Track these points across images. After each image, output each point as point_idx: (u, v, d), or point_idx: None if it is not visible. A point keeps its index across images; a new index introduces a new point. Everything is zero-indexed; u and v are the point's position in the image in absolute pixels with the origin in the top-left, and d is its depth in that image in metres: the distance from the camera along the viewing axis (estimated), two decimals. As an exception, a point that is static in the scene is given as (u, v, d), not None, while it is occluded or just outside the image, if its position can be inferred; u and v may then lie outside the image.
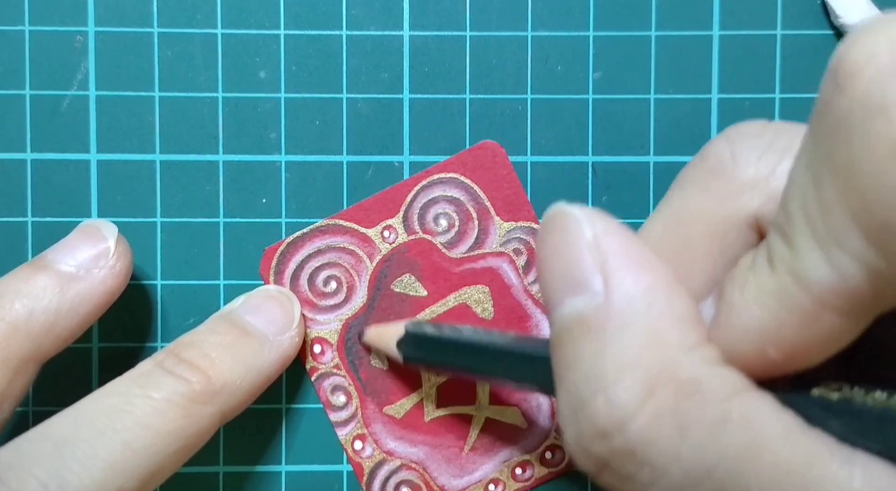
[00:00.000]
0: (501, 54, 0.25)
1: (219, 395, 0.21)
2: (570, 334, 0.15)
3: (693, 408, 0.14)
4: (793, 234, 0.14)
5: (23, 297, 0.21)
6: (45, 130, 0.24)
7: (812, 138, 0.14)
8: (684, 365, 0.14)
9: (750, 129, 0.18)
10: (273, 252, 0.25)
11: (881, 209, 0.13)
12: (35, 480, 0.18)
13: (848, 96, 0.13)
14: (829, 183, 0.13)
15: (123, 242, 0.23)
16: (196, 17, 0.25)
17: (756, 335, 0.15)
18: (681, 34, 0.25)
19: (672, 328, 0.15)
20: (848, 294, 0.14)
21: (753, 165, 0.17)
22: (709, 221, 0.18)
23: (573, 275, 0.16)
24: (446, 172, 0.25)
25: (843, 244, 0.13)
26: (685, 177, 0.18)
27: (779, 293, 0.14)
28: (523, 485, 0.25)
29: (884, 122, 0.13)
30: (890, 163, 0.12)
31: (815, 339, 0.14)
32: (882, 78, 0.13)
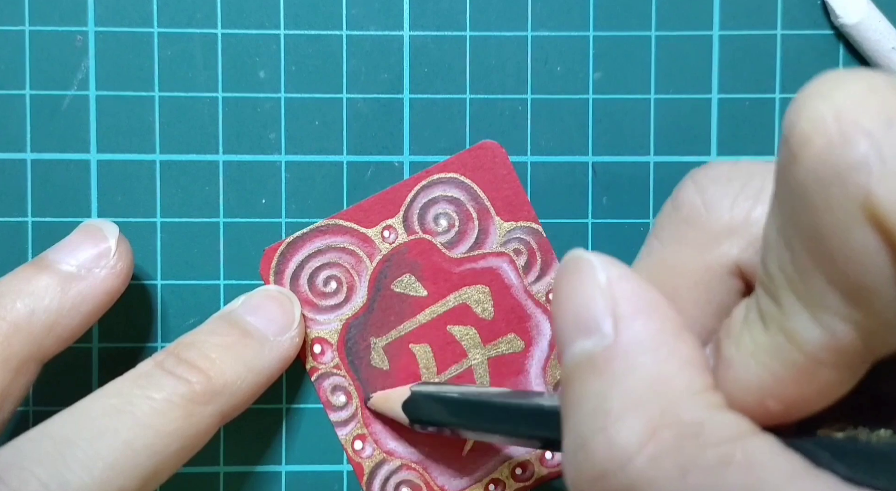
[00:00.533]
0: (501, 54, 0.25)
1: (219, 395, 0.21)
2: (578, 373, 0.15)
3: (695, 450, 0.14)
4: (778, 294, 0.14)
5: (24, 296, 0.21)
6: (45, 130, 0.24)
7: (778, 203, 0.14)
8: (688, 408, 0.14)
9: (718, 173, 0.18)
10: (273, 252, 0.25)
11: (854, 273, 0.13)
12: (36, 479, 0.18)
13: (802, 166, 0.13)
14: (800, 248, 0.14)
15: (124, 242, 0.23)
16: (196, 17, 0.25)
17: (755, 390, 0.15)
18: (681, 34, 0.25)
19: (678, 372, 0.15)
20: (841, 350, 0.14)
21: (727, 213, 0.17)
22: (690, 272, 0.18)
23: (585, 317, 0.16)
24: (446, 172, 0.25)
25: (827, 306, 0.13)
26: (661, 227, 0.19)
27: (773, 350, 0.15)
28: (523, 485, 0.25)
29: (840, 189, 0.13)
30: (853, 228, 0.13)
31: (812, 391, 0.15)
32: (832, 146, 0.13)
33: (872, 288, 0.13)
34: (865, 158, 0.12)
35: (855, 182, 0.12)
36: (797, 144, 0.13)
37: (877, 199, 0.12)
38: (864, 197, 0.12)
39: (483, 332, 0.25)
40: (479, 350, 0.25)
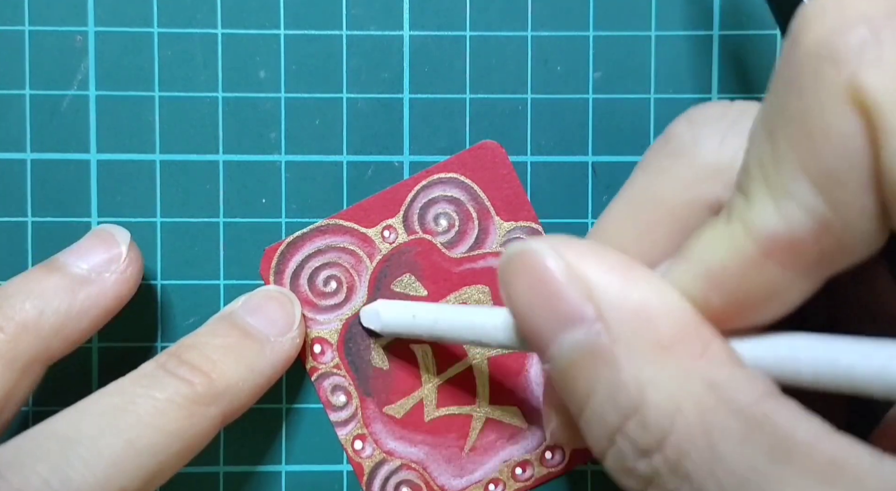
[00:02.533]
0: (501, 54, 0.25)
1: (221, 396, 0.21)
2: (579, 366, 0.15)
3: (719, 418, 0.14)
4: (749, 187, 0.14)
5: (34, 297, 0.21)
6: (45, 130, 0.24)
7: (770, 95, 0.14)
8: (702, 373, 0.14)
9: (712, 110, 0.18)
10: (273, 252, 0.25)
11: (828, 156, 0.13)
12: (37, 476, 0.18)
13: (800, 48, 0.13)
14: (782, 134, 0.14)
15: (135, 248, 0.23)
16: (196, 17, 0.25)
17: (701, 281, 0.15)
18: (681, 34, 0.25)
19: (678, 336, 0.15)
20: (792, 244, 0.14)
21: (715, 149, 0.17)
22: (671, 205, 0.18)
23: (560, 310, 0.15)
24: (446, 172, 0.25)
25: (793, 194, 0.14)
26: (648, 159, 0.18)
27: (727, 240, 0.15)
28: (523, 485, 0.25)
29: (832, 70, 0.13)
30: (837, 109, 0.13)
31: (756, 289, 0.15)
32: (831, 28, 0.13)
33: (842, 175, 0.13)
34: (862, 43, 0.13)
35: (847, 64, 0.13)
36: (799, 27, 0.14)
37: (865, 83, 0.13)
38: (853, 79, 0.13)
39: (483, 332, 0.25)
40: (479, 350, 0.25)
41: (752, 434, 0.14)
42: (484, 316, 0.20)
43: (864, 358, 0.14)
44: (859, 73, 0.13)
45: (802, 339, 0.15)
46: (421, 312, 0.22)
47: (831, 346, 0.15)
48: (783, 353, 0.15)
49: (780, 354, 0.15)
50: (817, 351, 0.15)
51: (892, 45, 0.13)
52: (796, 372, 0.15)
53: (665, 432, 0.14)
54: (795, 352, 0.15)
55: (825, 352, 0.15)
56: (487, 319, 0.20)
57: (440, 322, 0.21)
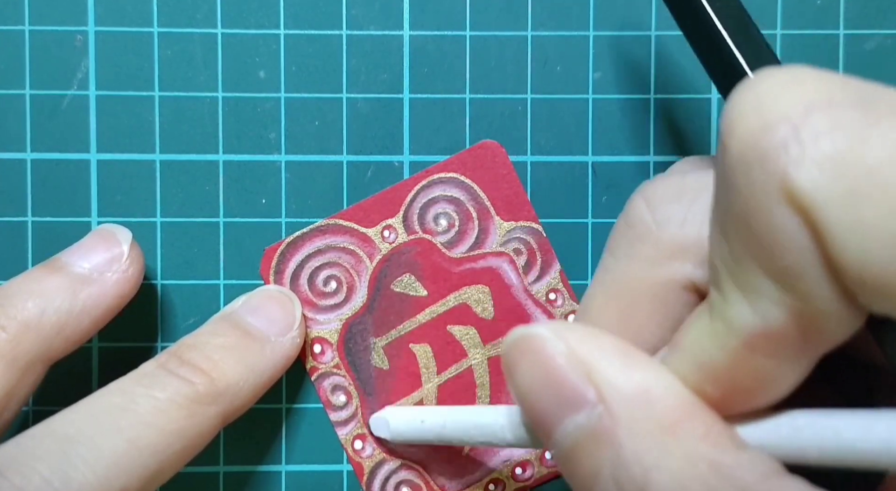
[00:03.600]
0: (501, 54, 0.25)
1: (222, 396, 0.21)
2: (583, 449, 0.15)
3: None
4: (721, 284, 0.15)
5: (36, 297, 0.21)
6: (45, 130, 0.24)
7: (715, 195, 0.15)
8: (705, 454, 0.14)
9: (667, 189, 0.18)
10: (273, 252, 0.25)
11: (779, 254, 0.13)
12: (38, 475, 0.18)
13: (729, 152, 0.14)
14: (733, 235, 0.14)
15: (137, 248, 0.23)
16: (196, 17, 0.25)
17: (695, 374, 0.15)
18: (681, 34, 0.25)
19: (679, 418, 0.15)
20: (773, 336, 0.14)
21: (678, 231, 0.17)
22: (646, 287, 0.18)
23: (562, 393, 0.16)
24: (446, 172, 0.25)
25: (759, 290, 0.14)
26: (615, 243, 0.19)
27: (713, 336, 0.15)
28: (523, 485, 0.25)
29: (761, 173, 0.13)
30: (774, 210, 0.13)
31: (746, 380, 0.15)
32: (753, 132, 0.13)
33: (797, 269, 0.13)
34: (784, 142, 0.13)
35: (774, 164, 0.13)
36: (725, 133, 0.14)
37: (795, 183, 0.13)
38: (782, 180, 0.13)
39: (483, 331, 0.25)
40: (479, 350, 0.25)
41: None
42: (491, 415, 0.20)
43: (864, 432, 0.14)
44: (787, 174, 0.13)
45: (803, 416, 0.15)
46: (429, 417, 0.22)
47: (832, 422, 0.15)
48: (785, 432, 0.15)
49: (782, 433, 0.15)
50: (818, 429, 0.15)
51: (814, 141, 0.13)
52: (801, 451, 0.15)
53: None
54: (797, 431, 0.15)
55: (827, 428, 0.15)
56: (495, 418, 0.20)
57: (448, 426, 0.21)
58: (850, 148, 0.12)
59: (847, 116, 0.13)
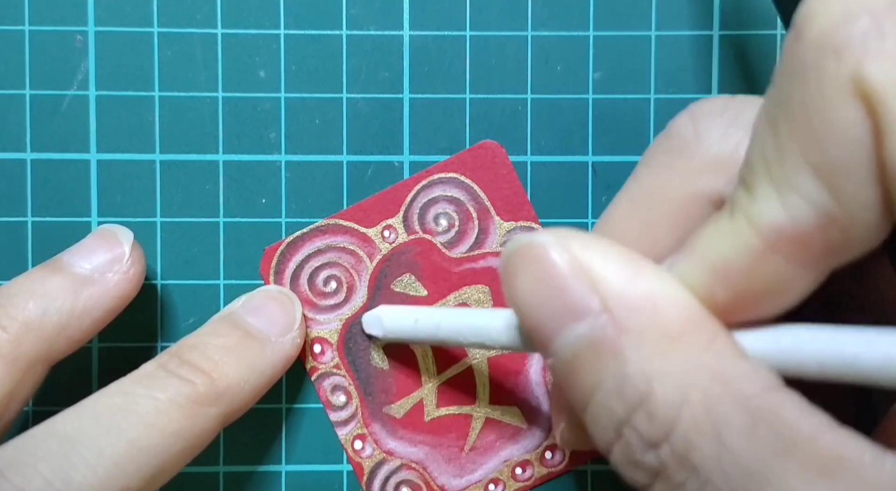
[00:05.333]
0: (501, 54, 0.25)
1: (222, 397, 0.21)
2: (584, 359, 0.15)
3: (725, 409, 0.14)
4: (752, 180, 0.14)
5: (37, 297, 0.21)
6: (45, 130, 0.24)
7: (773, 88, 0.14)
8: (708, 364, 0.14)
9: (714, 105, 0.18)
10: (273, 252, 0.25)
11: (831, 148, 0.13)
12: (39, 476, 0.18)
13: (804, 40, 0.13)
14: (785, 126, 0.14)
15: (138, 249, 0.23)
16: (196, 17, 0.25)
17: (706, 276, 0.15)
18: (681, 34, 0.25)
19: (685, 328, 0.15)
20: (797, 238, 0.14)
21: (716, 143, 0.17)
22: (673, 200, 0.18)
23: (565, 302, 0.15)
24: (446, 172, 0.25)
25: (796, 186, 0.14)
26: (650, 155, 0.18)
27: (731, 235, 0.15)
28: (523, 485, 0.25)
29: (835, 61, 0.13)
30: (840, 101, 0.13)
31: (761, 283, 0.15)
32: (834, 20, 0.13)
33: (846, 167, 0.13)
34: (865, 35, 0.13)
35: (850, 56, 0.13)
36: (803, 20, 0.14)
37: (868, 75, 0.13)
38: (856, 71, 0.13)
39: (483, 332, 0.25)
40: (479, 350, 0.25)
41: (757, 426, 0.14)
42: (486, 318, 0.20)
43: (867, 347, 0.14)
44: (862, 65, 0.13)
45: (806, 330, 0.15)
46: (423, 316, 0.22)
47: (835, 336, 0.15)
48: (787, 345, 0.15)
49: (783, 345, 0.15)
50: (821, 341, 0.15)
51: (895, 36, 0.13)
52: (801, 363, 0.15)
53: (672, 423, 0.14)
54: (799, 343, 0.15)
55: (829, 342, 0.15)
56: (490, 320, 0.20)
57: (442, 326, 0.21)
58: None
59: None
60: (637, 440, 0.15)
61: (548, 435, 0.25)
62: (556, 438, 0.21)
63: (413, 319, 0.22)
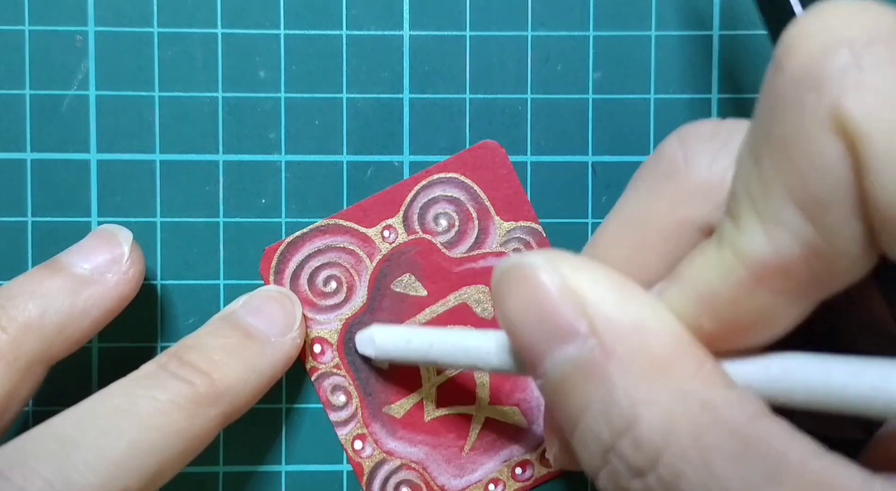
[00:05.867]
0: (501, 54, 0.25)
1: (222, 397, 0.21)
2: (572, 382, 0.15)
3: (714, 437, 0.14)
4: (737, 212, 0.14)
5: (36, 298, 0.21)
6: (45, 130, 0.24)
7: (755, 120, 0.14)
8: (695, 392, 0.14)
9: (703, 129, 0.18)
10: (273, 252, 0.25)
11: (813, 182, 0.13)
12: (40, 477, 0.18)
13: (784, 74, 0.13)
14: (768, 160, 0.14)
15: (137, 249, 0.23)
16: (196, 17, 0.25)
17: (692, 306, 0.15)
18: (681, 34, 0.25)
19: (672, 355, 0.15)
20: (782, 270, 0.14)
21: (706, 169, 0.17)
22: (662, 225, 0.18)
23: (554, 325, 0.15)
24: (446, 172, 0.25)
25: (780, 219, 0.14)
26: (640, 178, 0.18)
27: (718, 266, 0.15)
28: (523, 485, 0.25)
29: (815, 96, 0.13)
30: (820, 135, 0.13)
31: (747, 314, 0.15)
32: (813, 54, 0.13)
33: (828, 201, 0.13)
34: (844, 68, 0.13)
35: (829, 90, 0.13)
36: (783, 54, 0.14)
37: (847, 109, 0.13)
38: (835, 106, 0.13)
39: (483, 332, 0.25)
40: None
41: (746, 454, 0.14)
42: (479, 340, 0.20)
43: (855, 377, 0.14)
44: (841, 100, 0.13)
45: (794, 359, 0.15)
46: (416, 336, 0.22)
47: (823, 365, 0.15)
48: (775, 373, 0.15)
49: (772, 374, 0.15)
50: (809, 371, 0.15)
51: (874, 70, 0.13)
52: (789, 392, 0.15)
53: (659, 451, 0.14)
54: (788, 372, 0.15)
55: (817, 372, 0.15)
56: (482, 342, 0.20)
57: (435, 347, 0.21)
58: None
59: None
60: (623, 467, 0.15)
61: (548, 435, 0.25)
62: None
63: (405, 339, 0.22)
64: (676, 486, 0.14)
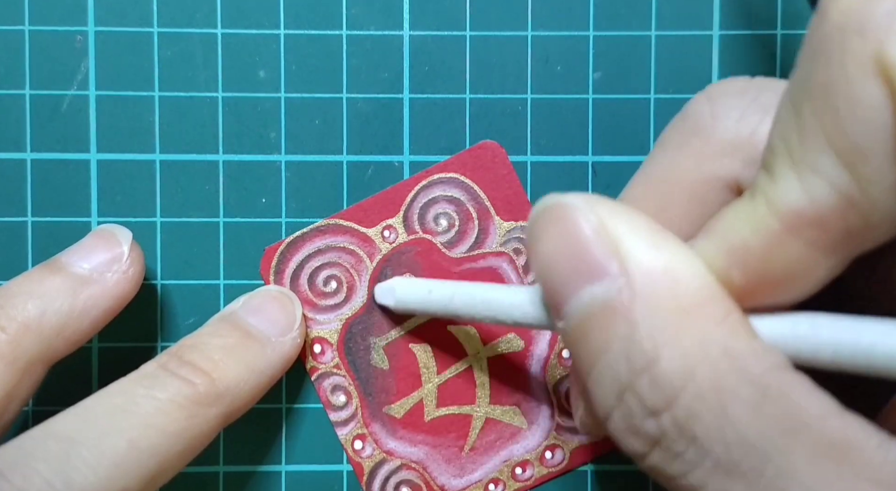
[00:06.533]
0: (501, 54, 0.25)
1: (223, 397, 0.21)
2: (596, 320, 0.15)
3: (733, 383, 0.14)
4: (773, 162, 0.14)
5: (36, 297, 0.21)
6: (45, 130, 0.24)
7: (796, 70, 0.14)
8: (719, 339, 0.14)
9: (732, 86, 0.18)
10: (273, 252, 0.25)
11: (853, 128, 0.13)
12: (40, 477, 0.18)
13: (828, 20, 0.13)
14: (808, 107, 0.14)
15: (137, 248, 0.23)
16: (196, 17, 0.25)
17: (723, 258, 0.15)
18: (681, 34, 0.25)
19: (699, 301, 0.15)
20: (816, 221, 0.14)
21: (734, 125, 0.17)
22: (688, 183, 0.17)
23: (584, 263, 0.15)
24: (446, 172, 0.25)
25: (817, 168, 0.14)
26: (666, 136, 0.18)
27: (750, 217, 0.15)
28: (523, 485, 0.25)
29: (859, 41, 0.13)
30: (863, 80, 0.13)
31: (779, 267, 0.15)
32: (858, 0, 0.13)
33: (867, 148, 0.13)
34: (889, 15, 0.13)
35: (874, 36, 0.13)
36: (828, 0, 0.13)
37: (890, 54, 0.12)
38: (879, 51, 0.13)
39: (483, 331, 0.25)
40: (479, 350, 0.25)
41: (764, 403, 0.14)
42: (502, 292, 0.20)
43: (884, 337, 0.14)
44: (885, 45, 0.13)
45: (824, 317, 0.15)
46: (437, 287, 0.22)
47: (853, 325, 0.14)
48: (803, 330, 0.15)
49: (799, 331, 0.15)
50: (838, 329, 0.15)
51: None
52: (816, 350, 0.15)
53: (677, 392, 0.14)
54: (816, 329, 0.15)
55: (846, 330, 0.14)
56: (504, 295, 0.20)
57: (456, 298, 0.21)
58: None
59: None
60: (638, 406, 0.15)
61: (548, 435, 0.25)
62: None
63: (426, 290, 0.22)
64: (691, 427, 0.14)
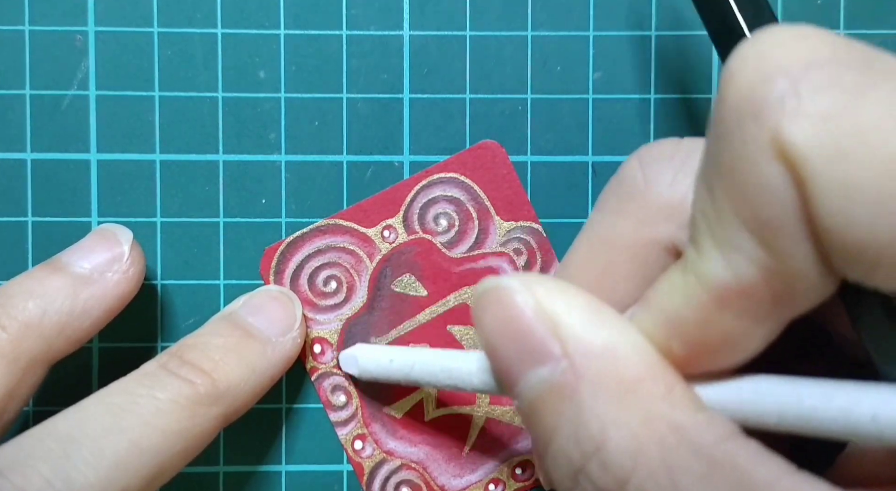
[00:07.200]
0: (501, 54, 0.25)
1: (223, 397, 0.21)
2: (545, 403, 0.15)
3: (682, 458, 0.14)
4: (698, 239, 0.15)
5: (36, 297, 0.21)
6: (45, 130, 0.24)
7: (706, 148, 0.14)
8: (665, 414, 0.15)
9: (662, 150, 0.18)
10: (273, 252, 0.25)
11: (761, 207, 0.13)
12: (40, 476, 0.18)
13: (726, 103, 0.14)
14: (719, 186, 0.14)
15: (137, 248, 0.23)
16: (196, 17, 0.25)
17: (661, 330, 0.15)
18: (680, 34, 0.25)
19: (642, 377, 0.15)
20: (743, 293, 0.14)
21: (666, 190, 0.17)
22: (628, 246, 0.18)
23: (528, 346, 0.16)
24: (446, 172, 0.25)
25: (735, 244, 0.14)
26: (604, 200, 0.19)
27: (683, 291, 0.15)
28: (523, 485, 0.25)
29: (755, 125, 0.13)
30: (763, 162, 0.13)
31: (714, 337, 0.15)
32: (752, 82, 0.13)
33: (778, 225, 0.13)
34: (781, 95, 0.13)
35: (769, 118, 0.13)
36: (724, 83, 0.14)
37: (787, 137, 0.13)
38: (774, 131, 0.13)
39: (483, 331, 0.25)
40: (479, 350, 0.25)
41: (714, 475, 0.14)
42: (459, 361, 0.20)
43: (824, 400, 0.14)
44: (781, 127, 0.13)
45: (766, 381, 0.15)
46: (398, 357, 0.22)
47: (794, 388, 0.15)
48: (746, 395, 0.15)
49: (743, 396, 0.15)
50: (780, 393, 0.15)
51: (811, 97, 0.13)
52: (761, 414, 0.15)
53: (628, 473, 0.14)
54: (759, 395, 0.15)
55: (788, 394, 0.15)
56: (463, 363, 0.20)
57: (417, 367, 0.21)
58: (846, 107, 0.12)
59: (846, 76, 0.13)
60: (592, 489, 0.15)
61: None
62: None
63: (388, 359, 0.22)
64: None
